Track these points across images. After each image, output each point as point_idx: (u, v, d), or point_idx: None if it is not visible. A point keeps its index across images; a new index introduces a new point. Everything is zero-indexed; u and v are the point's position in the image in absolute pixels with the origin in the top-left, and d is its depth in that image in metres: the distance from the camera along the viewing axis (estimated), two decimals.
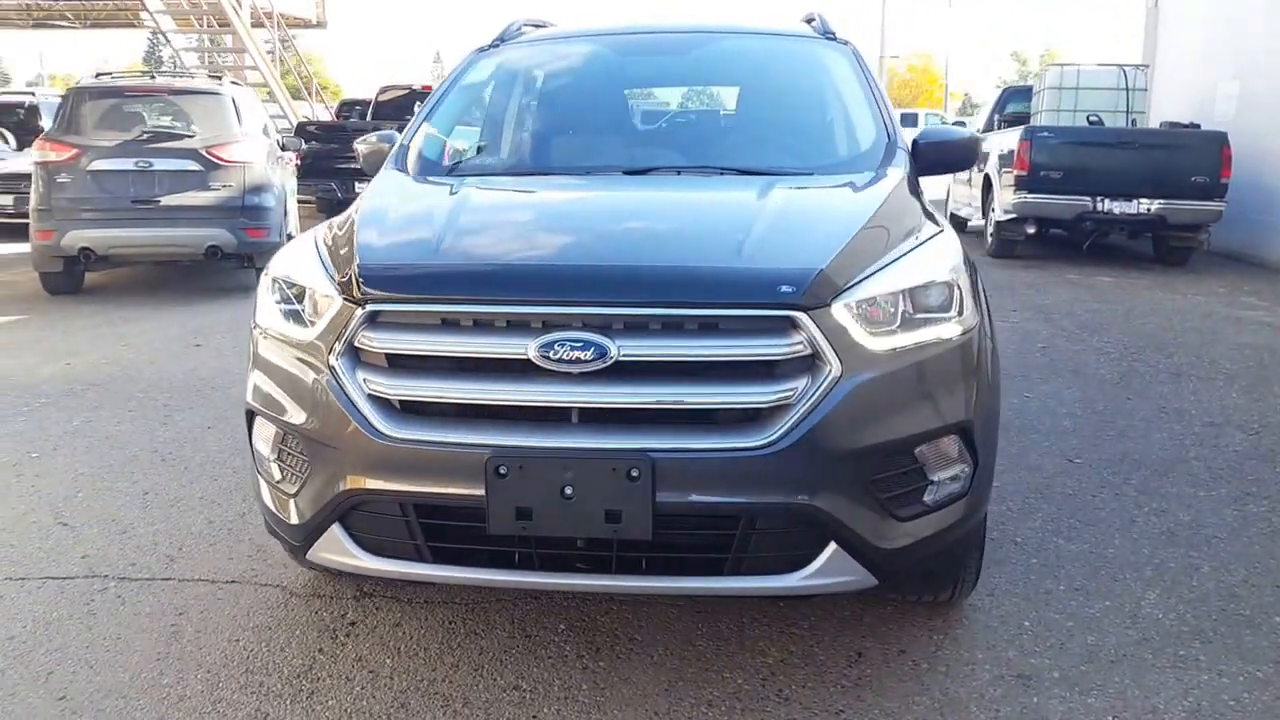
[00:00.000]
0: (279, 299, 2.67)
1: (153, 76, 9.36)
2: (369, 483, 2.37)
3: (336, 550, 2.49)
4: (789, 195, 2.90)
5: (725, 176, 3.18)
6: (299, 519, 2.55)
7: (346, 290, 2.46)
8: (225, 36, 17.93)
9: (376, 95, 18.11)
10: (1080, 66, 12.91)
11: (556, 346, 2.25)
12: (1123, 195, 10.41)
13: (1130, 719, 2.53)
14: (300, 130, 14.97)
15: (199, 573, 3.34)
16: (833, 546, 2.32)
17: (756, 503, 2.27)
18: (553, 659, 2.80)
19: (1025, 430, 4.89)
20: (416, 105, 9.99)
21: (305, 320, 2.55)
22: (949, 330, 2.46)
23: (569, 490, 2.24)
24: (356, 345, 2.40)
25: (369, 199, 3.06)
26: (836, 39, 4.01)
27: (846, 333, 2.31)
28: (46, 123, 11.06)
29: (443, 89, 3.91)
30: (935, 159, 3.54)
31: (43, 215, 8.13)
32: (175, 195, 8.18)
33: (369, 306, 2.40)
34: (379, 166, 3.55)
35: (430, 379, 2.35)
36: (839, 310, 2.32)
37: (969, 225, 12.83)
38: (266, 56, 18.76)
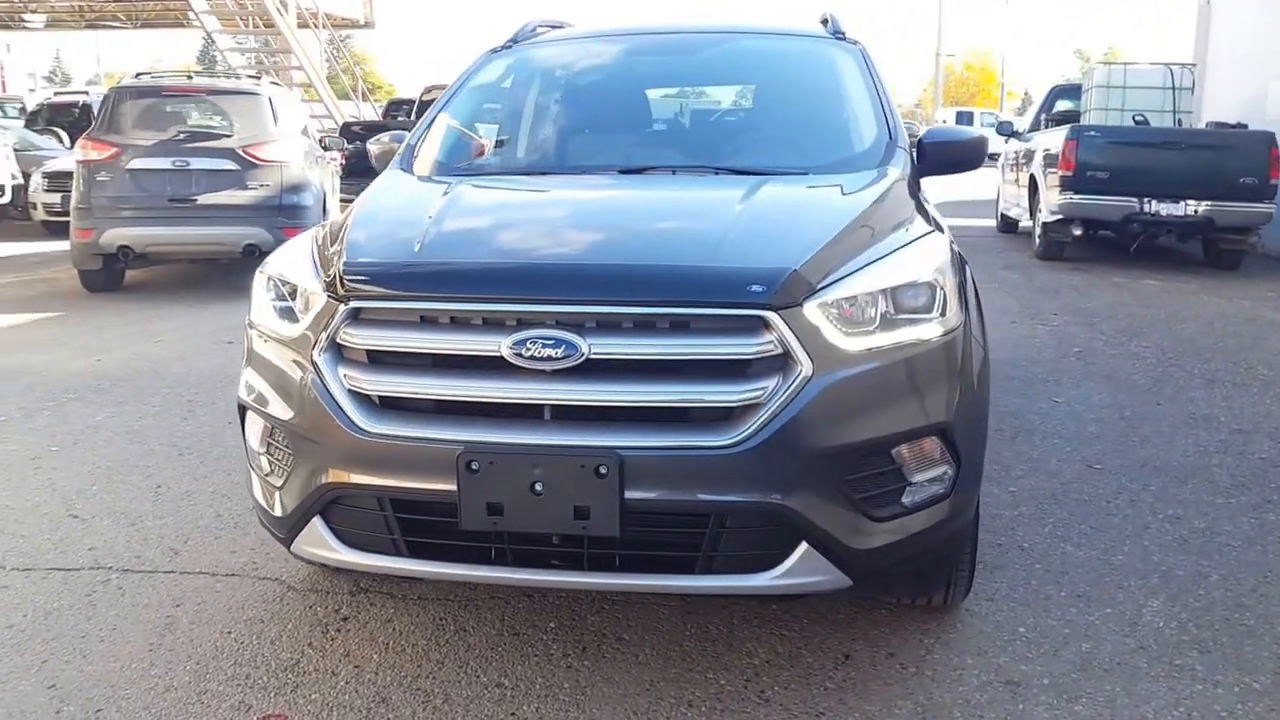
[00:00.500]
0: (274, 296, 2.70)
1: (190, 77, 9.53)
2: (348, 477, 2.40)
3: (317, 543, 2.52)
4: (776, 195, 2.88)
5: (720, 176, 3.16)
6: (282, 511, 2.58)
7: (331, 287, 2.49)
8: (273, 37, 18.20)
9: (421, 95, 18.28)
10: (1127, 65, 12.65)
11: (528, 344, 2.25)
12: (1170, 197, 10.17)
13: None
14: (345, 130, 15.16)
15: (200, 566, 3.39)
16: (804, 546, 2.29)
17: (726, 501, 2.25)
18: (538, 657, 2.80)
19: (1048, 435, 4.81)
20: None
21: (296, 317, 2.58)
22: (929, 331, 2.42)
23: (539, 486, 2.24)
24: (339, 341, 2.43)
25: (364, 199, 3.10)
26: (845, 39, 3.97)
27: (819, 332, 2.28)
28: None
29: (453, 89, 3.94)
30: (940, 159, 3.49)
31: (82, 213, 8.31)
32: (212, 194, 8.32)
33: (351, 303, 2.42)
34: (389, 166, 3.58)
35: (408, 375, 2.37)
36: (811, 310, 2.29)
37: (1020, 226, 12.61)
38: (314, 56, 19.05)
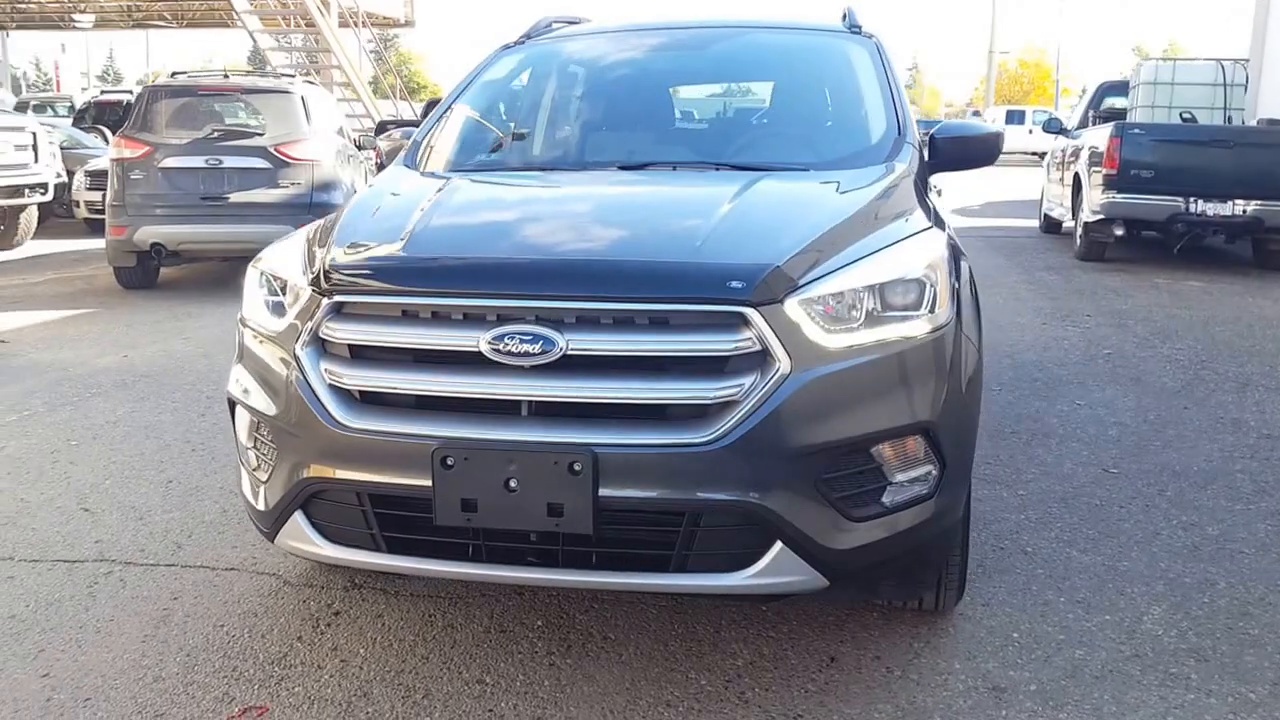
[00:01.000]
0: (265, 292, 2.73)
1: (226, 75, 9.66)
2: (327, 472, 2.41)
3: (299, 538, 2.54)
4: (771, 191, 2.85)
5: (720, 172, 3.13)
6: (265, 506, 2.61)
7: (315, 282, 2.51)
8: (314, 37, 18.43)
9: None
10: (1176, 61, 12.38)
11: (506, 340, 2.25)
12: (1217, 196, 9.91)
13: None
14: (381, 129, 15.26)
15: (202, 560, 3.43)
16: (779, 546, 2.26)
17: (700, 499, 2.23)
18: (522, 654, 2.80)
19: (1066, 438, 4.72)
20: None
21: (284, 312, 2.61)
22: (916, 328, 2.39)
23: (513, 483, 2.23)
24: (321, 336, 2.44)
25: (360, 194, 3.13)
26: (861, 32, 3.93)
27: (799, 329, 2.26)
28: None
29: (463, 85, 3.95)
30: (953, 155, 3.45)
31: (117, 211, 8.45)
32: (244, 192, 8.43)
33: (334, 298, 2.44)
34: None
35: (388, 370, 2.38)
36: (792, 307, 2.27)
37: (1064, 227, 12.38)
38: (356, 56, 19.26)
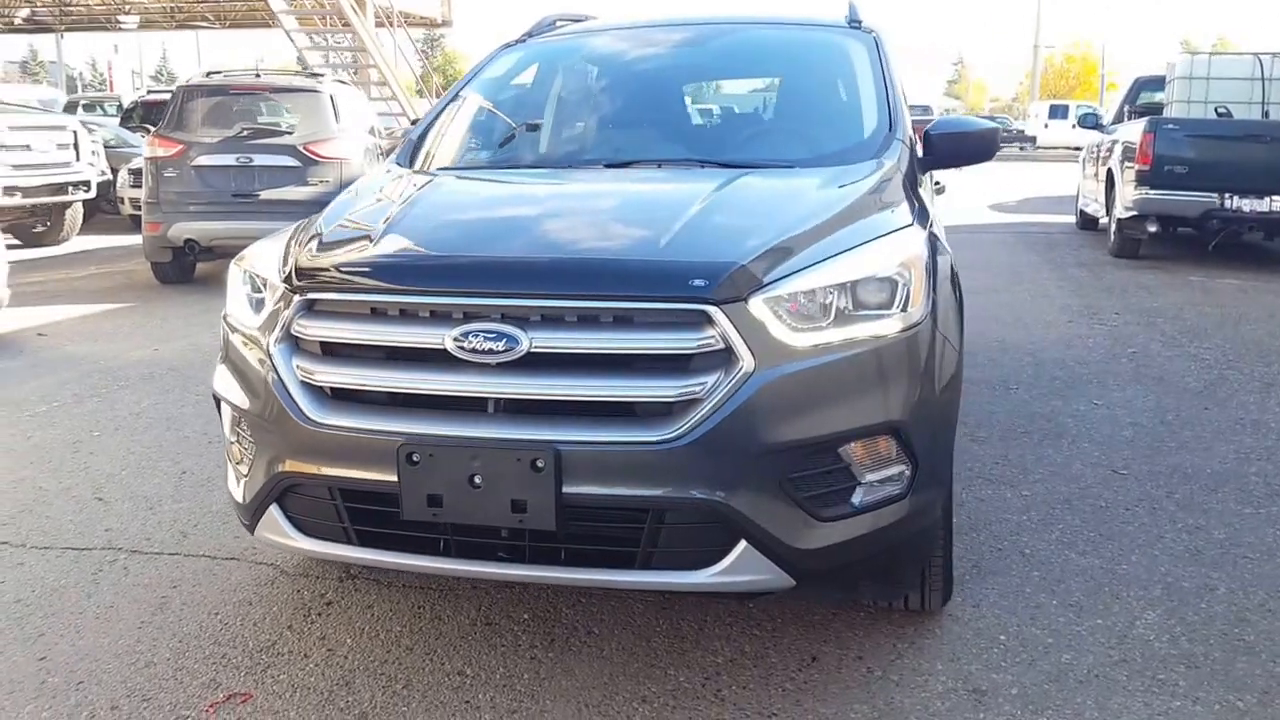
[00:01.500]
0: (249, 289, 2.77)
1: (257, 75, 9.83)
2: (300, 466, 2.45)
3: (275, 530, 2.58)
4: (748, 188, 2.85)
5: (705, 170, 3.13)
6: (244, 499, 2.65)
7: (288, 279, 2.55)
8: (351, 36, 18.64)
9: None
10: (1212, 55, 12.12)
11: (470, 337, 2.27)
12: (1253, 192, 9.71)
13: None
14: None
15: (204, 549, 3.50)
16: (743, 544, 2.26)
17: (662, 497, 2.23)
18: (505, 647, 2.83)
19: (1078, 438, 4.65)
20: None
21: (262, 308, 2.65)
22: (887, 327, 2.37)
23: (477, 479, 2.26)
24: (293, 333, 2.48)
25: (346, 192, 3.16)
26: (860, 27, 3.91)
27: (764, 328, 2.25)
28: None
29: (461, 83, 3.98)
30: (949, 151, 3.42)
31: (152, 208, 8.67)
32: (273, 190, 8.57)
33: (306, 295, 2.48)
34: None
35: (357, 367, 2.42)
36: (757, 305, 2.26)
37: (1099, 224, 12.19)
38: (394, 56, 19.46)
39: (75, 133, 11.32)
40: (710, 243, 2.44)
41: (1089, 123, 13.01)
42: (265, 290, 2.67)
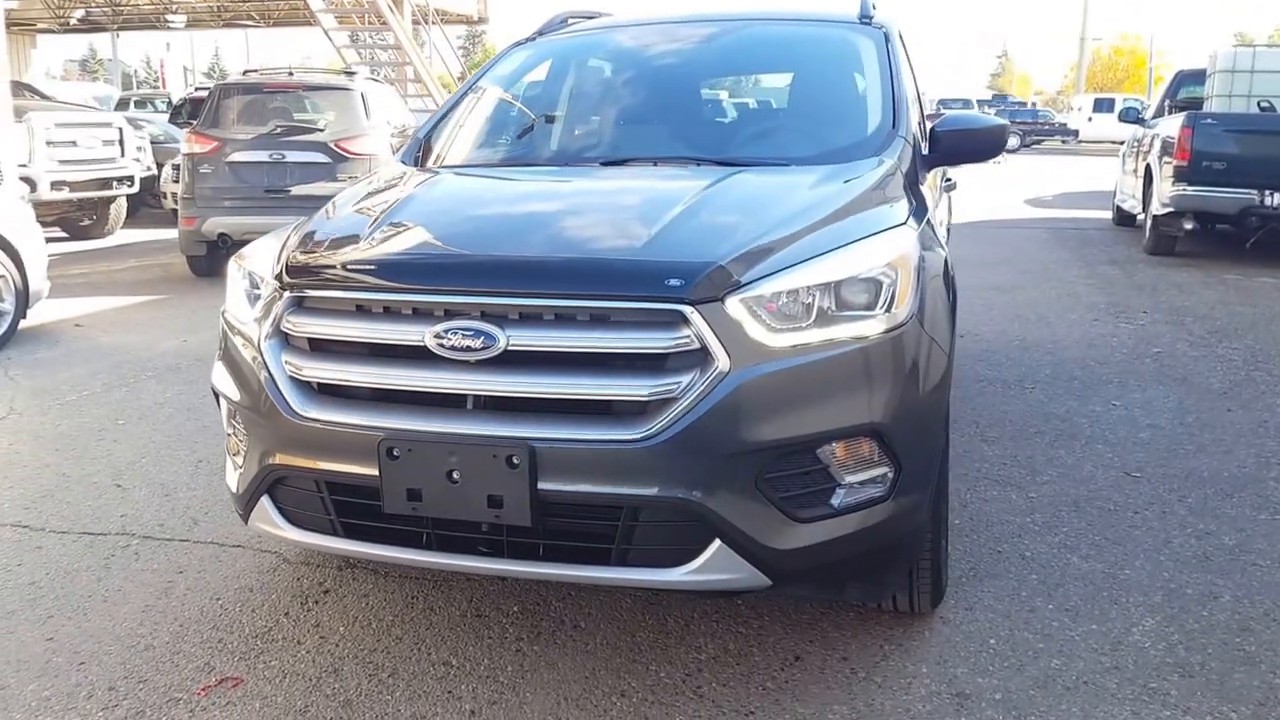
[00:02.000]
0: (247, 285, 2.83)
1: (291, 73, 9.97)
2: (288, 459, 2.51)
3: (266, 521, 2.64)
4: (740, 186, 2.85)
5: (699, 168, 3.14)
6: (238, 489, 2.72)
7: (279, 276, 2.60)
8: (387, 34, 18.86)
9: None
10: (1255, 48, 11.86)
11: (449, 334, 2.30)
12: None
13: None
14: None
15: (213, 536, 3.58)
16: (717, 543, 2.27)
17: (637, 495, 2.25)
18: (492, 639, 2.86)
19: (1093, 440, 4.59)
20: None
21: (256, 305, 2.71)
22: (870, 327, 2.36)
23: (455, 474, 2.29)
24: (283, 329, 2.53)
25: (345, 189, 3.21)
26: (870, 23, 3.88)
27: (741, 328, 2.25)
28: None
29: (471, 81, 4.02)
30: (955, 148, 3.41)
31: (187, 203, 8.85)
32: (305, 185, 8.69)
33: (295, 292, 2.53)
34: None
35: (342, 363, 2.46)
36: (734, 305, 2.26)
37: (1137, 220, 11.99)
38: (429, 53, 19.64)
39: (120, 129, 11.57)
40: (690, 242, 2.45)
41: (1130, 117, 12.78)
42: (261, 287, 2.72)
